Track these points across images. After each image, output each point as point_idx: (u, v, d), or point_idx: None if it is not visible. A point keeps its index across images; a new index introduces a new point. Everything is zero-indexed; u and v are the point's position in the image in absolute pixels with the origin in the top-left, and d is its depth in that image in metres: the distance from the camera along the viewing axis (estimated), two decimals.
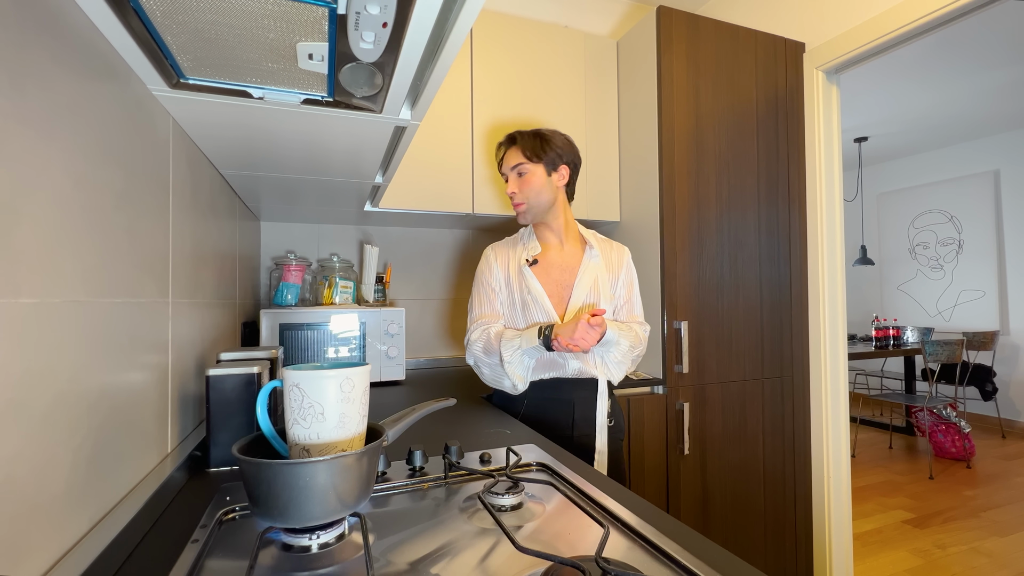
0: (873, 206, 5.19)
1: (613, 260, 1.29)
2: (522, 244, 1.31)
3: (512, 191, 1.24)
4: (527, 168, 1.22)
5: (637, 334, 1.24)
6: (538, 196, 1.22)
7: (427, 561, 0.52)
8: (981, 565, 2.10)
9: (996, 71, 3.12)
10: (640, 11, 2.26)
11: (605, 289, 1.24)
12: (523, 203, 1.23)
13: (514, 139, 1.26)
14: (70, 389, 0.48)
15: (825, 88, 1.79)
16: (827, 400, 1.77)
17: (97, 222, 0.53)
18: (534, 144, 1.22)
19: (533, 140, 1.23)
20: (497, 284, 1.27)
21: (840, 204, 1.82)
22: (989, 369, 4.03)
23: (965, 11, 1.41)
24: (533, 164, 1.22)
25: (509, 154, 1.26)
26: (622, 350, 1.20)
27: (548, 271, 1.25)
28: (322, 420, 0.53)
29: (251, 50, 0.57)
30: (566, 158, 1.25)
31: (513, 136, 1.26)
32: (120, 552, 0.52)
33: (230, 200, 1.25)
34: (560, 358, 1.21)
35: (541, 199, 1.23)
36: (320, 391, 0.53)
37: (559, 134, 1.26)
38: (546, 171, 1.23)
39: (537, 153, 1.22)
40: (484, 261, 1.31)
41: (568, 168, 1.25)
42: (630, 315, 1.29)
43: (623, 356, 1.22)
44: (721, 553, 0.51)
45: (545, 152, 1.22)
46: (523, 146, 1.23)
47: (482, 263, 1.31)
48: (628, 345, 1.20)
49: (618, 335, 1.18)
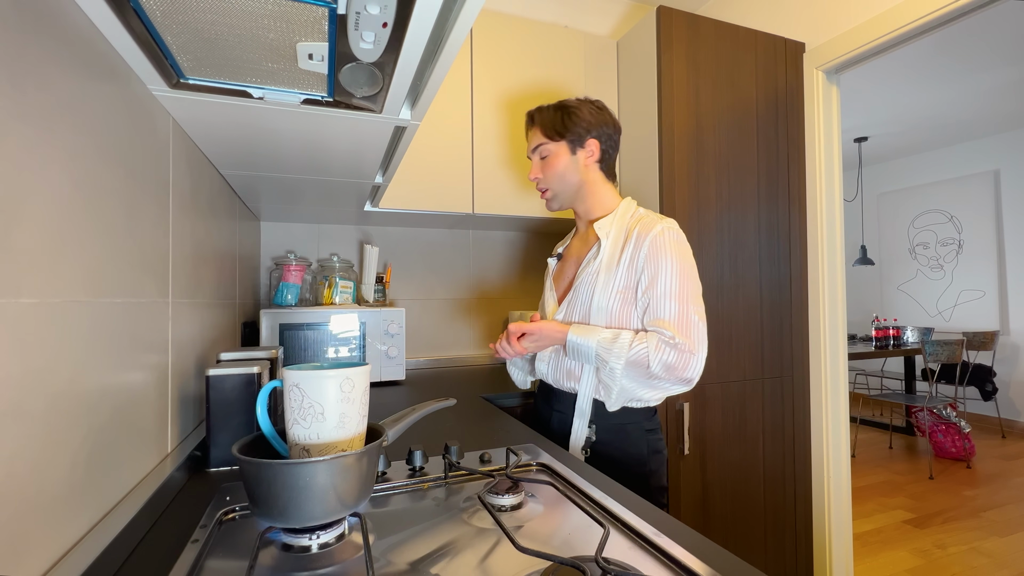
0: (873, 206, 5.19)
1: (630, 246, 0.99)
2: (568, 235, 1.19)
3: (535, 176, 1.09)
4: (549, 148, 1.06)
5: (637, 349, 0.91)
6: (562, 180, 1.06)
7: (427, 561, 0.52)
8: (981, 565, 2.10)
9: (996, 71, 3.12)
10: (640, 11, 2.26)
11: (608, 283, 0.99)
12: (547, 189, 1.08)
13: (533, 118, 1.09)
14: (70, 389, 0.48)
15: (825, 88, 1.79)
16: (827, 400, 1.77)
17: (97, 222, 0.53)
18: (554, 119, 1.05)
19: (554, 115, 1.06)
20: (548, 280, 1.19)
21: (840, 204, 1.82)
22: (989, 369, 4.03)
23: (965, 11, 1.40)
24: (555, 143, 1.06)
25: (530, 135, 1.11)
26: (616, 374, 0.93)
27: (564, 266, 1.14)
28: (322, 420, 0.53)
29: (251, 50, 0.57)
30: (595, 131, 1.05)
31: (531, 115, 1.10)
32: (120, 552, 0.52)
33: (230, 200, 1.25)
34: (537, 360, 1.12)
35: (567, 182, 1.06)
36: (320, 391, 0.53)
37: (587, 103, 1.07)
38: (570, 149, 1.05)
39: (558, 130, 1.05)
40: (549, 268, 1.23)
41: (598, 142, 1.05)
42: (654, 317, 0.94)
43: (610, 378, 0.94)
44: (721, 553, 0.51)
45: (567, 127, 1.04)
46: (542, 123, 1.07)
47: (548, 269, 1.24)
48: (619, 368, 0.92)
49: (596, 346, 0.93)
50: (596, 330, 0.96)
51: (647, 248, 0.96)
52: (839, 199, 1.82)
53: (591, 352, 0.95)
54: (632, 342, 0.92)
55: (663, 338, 0.91)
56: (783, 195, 1.79)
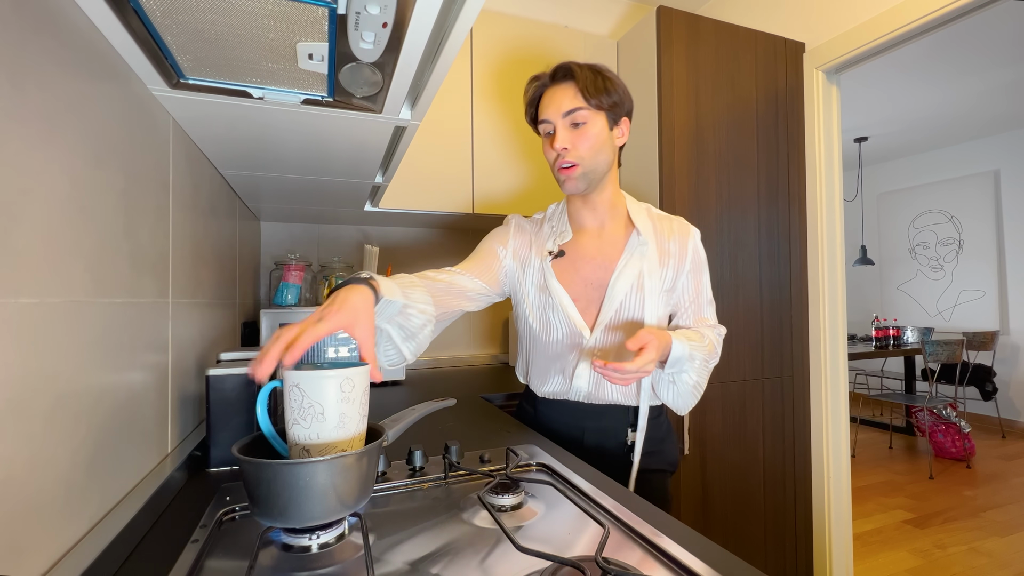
0: (873, 206, 5.19)
1: (671, 246, 0.95)
2: (549, 227, 0.99)
3: (563, 146, 0.87)
4: (586, 115, 0.86)
5: (711, 342, 0.91)
6: (596, 156, 0.88)
7: (427, 561, 0.52)
8: (981, 565, 2.10)
9: (996, 71, 3.12)
10: (640, 11, 2.26)
11: (654, 287, 0.92)
12: (577, 164, 0.88)
13: (571, 72, 0.87)
14: (70, 389, 0.48)
15: (825, 88, 1.79)
16: (827, 400, 1.77)
17: (97, 222, 0.53)
18: (597, 83, 0.86)
19: (595, 77, 0.87)
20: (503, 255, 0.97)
21: (840, 204, 1.82)
22: (989, 369, 4.03)
23: (965, 11, 1.40)
24: (594, 112, 0.87)
25: (559, 93, 0.88)
26: (695, 367, 0.87)
27: (577, 267, 0.95)
28: (322, 420, 0.53)
29: (251, 50, 0.57)
30: (627, 107, 0.91)
31: (569, 67, 0.88)
32: (120, 552, 0.52)
33: (230, 200, 1.25)
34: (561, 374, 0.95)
35: (599, 161, 0.89)
36: (320, 391, 0.53)
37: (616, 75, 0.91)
38: (608, 123, 0.89)
39: (600, 97, 0.86)
40: (501, 227, 1.02)
41: (628, 123, 0.93)
42: (698, 317, 0.95)
43: (698, 376, 0.89)
44: (721, 553, 0.51)
45: (609, 96, 0.87)
46: (585, 84, 0.86)
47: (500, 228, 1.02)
48: (701, 359, 0.88)
49: (690, 348, 0.85)
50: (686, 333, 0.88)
51: (692, 254, 0.95)
52: (839, 199, 1.82)
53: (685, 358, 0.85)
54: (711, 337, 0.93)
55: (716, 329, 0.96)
56: (783, 195, 1.79)
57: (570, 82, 0.87)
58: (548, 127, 0.89)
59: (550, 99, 0.89)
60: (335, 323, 0.58)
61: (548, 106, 0.89)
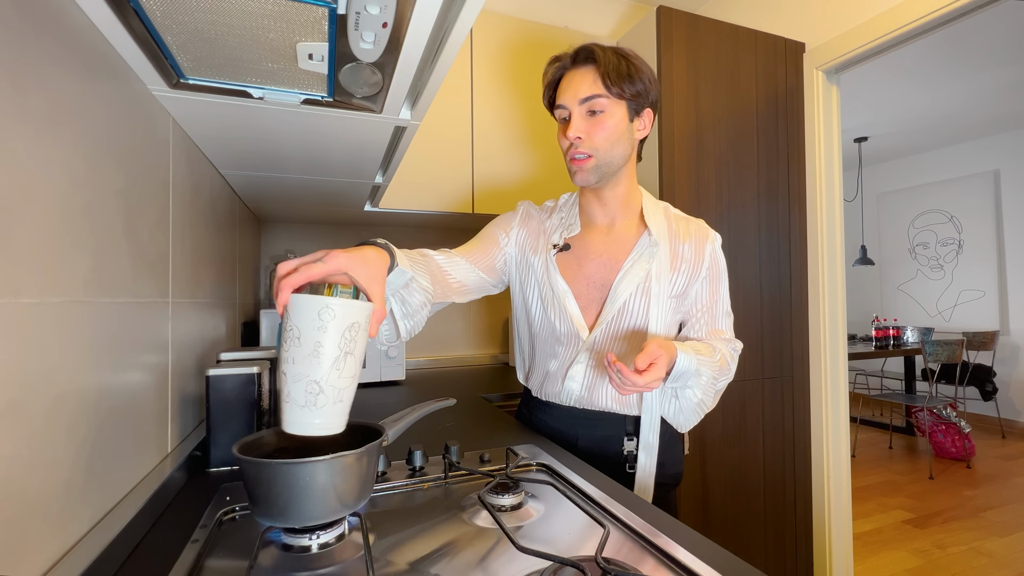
0: (873, 206, 5.19)
1: (685, 250, 0.89)
2: (558, 218, 0.95)
3: (577, 135, 0.82)
4: (604, 104, 0.81)
5: (724, 358, 0.86)
6: (612, 149, 0.83)
7: (427, 561, 0.52)
8: (981, 565, 2.10)
9: (996, 71, 3.12)
10: (640, 11, 2.26)
11: (661, 292, 0.87)
12: (591, 155, 0.83)
13: (593, 55, 0.82)
14: (70, 389, 0.48)
15: (825, 88, 1.79)
16: (827, 400, 1.77)
17: (97, 222, 0.53)
18: (620, 69, 0.81)
19: (619, 63, 0.81)
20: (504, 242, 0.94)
21: (840, 204, 1.82)
22: (989, 369, 4.03)
23: (965, 11, 1.40)
24: (614, 101, 0.82)
25: (578, 77, 0.83)
26: (701, 384, 0.82)
27: (581, 262, 0.90)
28: (298, 345, 0.51)
29: (251, 50, 0.57)
30: (652, 97, 0.85)
31: (591, 50, 0.82)
32: (120, 552, 0.52)
33: (230, 200, 1.25)
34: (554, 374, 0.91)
35: (615, 153, 0.84)
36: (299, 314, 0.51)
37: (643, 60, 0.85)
38: (628, 114, 0.84)
39: (621, 86, 0.81)
40: (509, 213, 0.98)
41: (652, 114, 0.87)
42: (711, 328, 0.90)
43: (703, 394, 0.85)
44: (721, 553, 0.51)
45: (632, 84, 0.81)
46: (607, 69, 0.80)
47: (508, 213, 0.98)
48: (709, 377, 0.82)
49: (698, 363, 0.79)
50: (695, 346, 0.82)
51: (708, 260, 0.90)
52: (839, 199, 1.82)
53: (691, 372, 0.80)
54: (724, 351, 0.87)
55: (731, 343, 0.91)
56: (783, 195, 1.78)
57: (591, 66, 0.82)
58: (564, 112, 0.85)
59: (568, 83, 0.84)
60: (336, 265, 0.55)
61: (566, 90, 0.84)
